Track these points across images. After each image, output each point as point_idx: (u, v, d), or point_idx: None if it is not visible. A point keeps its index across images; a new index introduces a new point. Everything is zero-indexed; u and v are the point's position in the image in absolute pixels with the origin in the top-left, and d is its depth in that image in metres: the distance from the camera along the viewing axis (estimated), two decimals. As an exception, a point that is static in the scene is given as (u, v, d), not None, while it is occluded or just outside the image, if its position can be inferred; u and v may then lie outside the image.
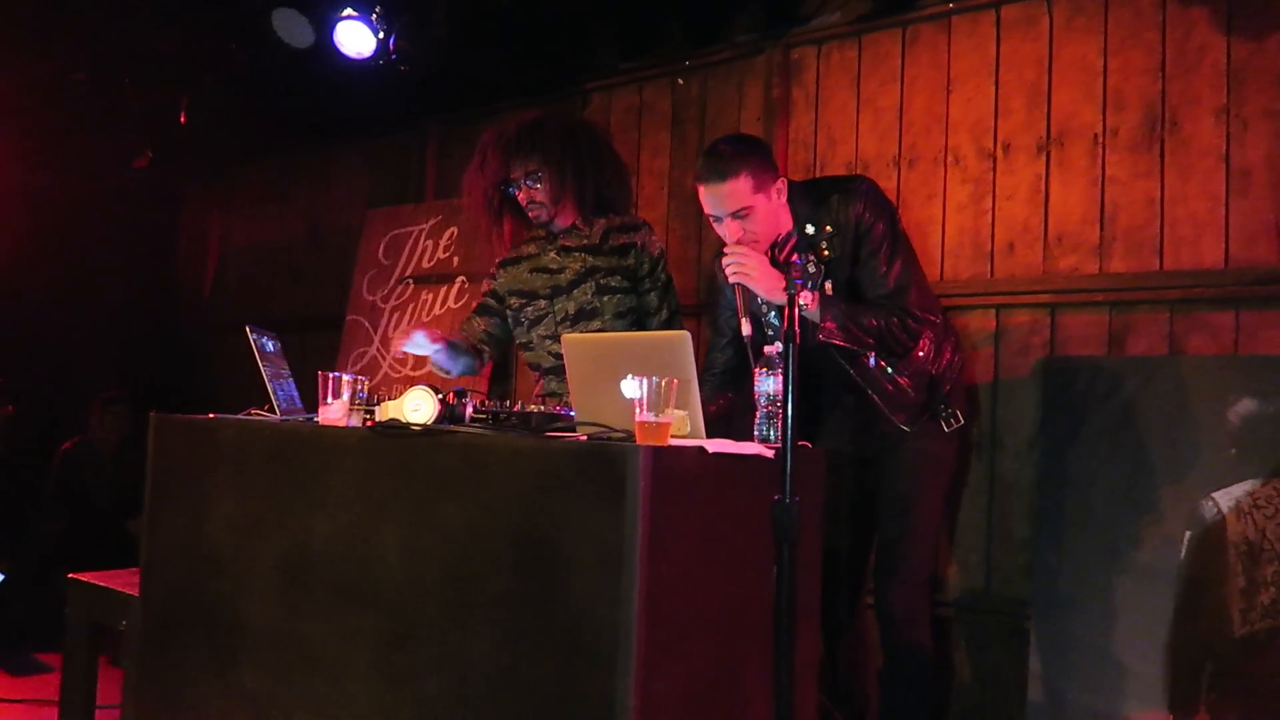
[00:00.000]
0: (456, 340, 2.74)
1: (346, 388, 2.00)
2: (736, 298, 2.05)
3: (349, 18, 3.78)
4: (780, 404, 1.80)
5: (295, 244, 5.54)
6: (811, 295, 2.14)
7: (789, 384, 1.62)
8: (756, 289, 2.11)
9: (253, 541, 2.03)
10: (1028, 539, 2.93)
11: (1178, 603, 2.55)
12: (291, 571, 1.95)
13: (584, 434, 1.77)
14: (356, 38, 3.82)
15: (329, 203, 5.38)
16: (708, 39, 3.82)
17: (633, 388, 1.62)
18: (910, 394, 2.31)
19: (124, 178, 5.25)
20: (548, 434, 1.77)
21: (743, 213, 2.21)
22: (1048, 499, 2.82)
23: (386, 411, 1.88)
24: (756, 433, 1.96)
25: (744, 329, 2.00)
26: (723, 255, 2.16)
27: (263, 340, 2.19)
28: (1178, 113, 2.83)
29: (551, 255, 2.71)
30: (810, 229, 2.26)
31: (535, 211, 2.65)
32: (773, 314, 2.38)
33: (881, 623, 2.42)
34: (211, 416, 2.18)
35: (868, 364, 2.29)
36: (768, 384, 1.92)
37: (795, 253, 2.09)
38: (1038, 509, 2.86)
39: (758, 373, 1.96)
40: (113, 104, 4.61)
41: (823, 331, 2.15)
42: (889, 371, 2.30)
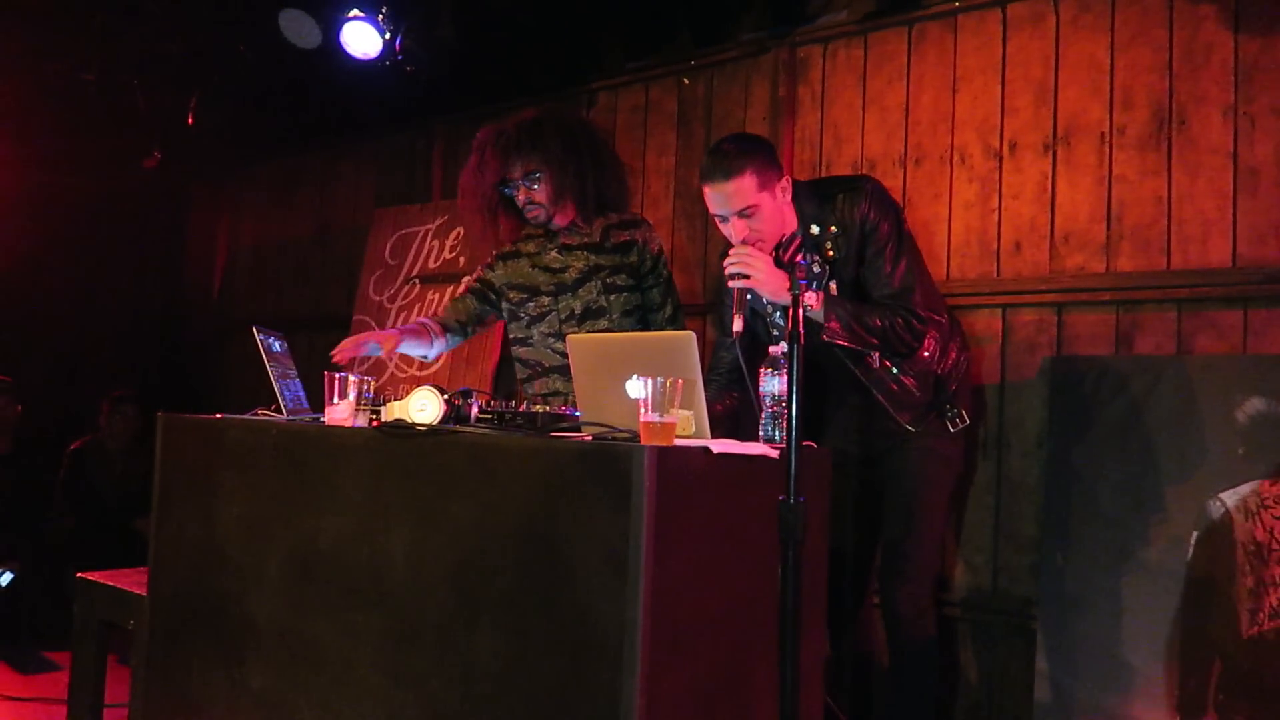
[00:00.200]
0: (423, 325, 2.68)
1: (352, 388, 2.01)
2: (734, 295, 2.04)
3: (355, 18, 3.79)
4: (785, 404, 1.80)
5: (303, 244, 5.56)
6: (816, 295, 2.13)
7: (794, 384, 1.62)
8: (762, 290, 2.10)
9: (260, 541, 2.04)
10: (1034, 538, 2.93)
11: (1185, 602, 2.54)
12: (299, 571, 1.95)
13: (589, 434, 1.78)
14: (363, 38, 3.83)
15: (336, 203, 5.39)
16: (714, 38, 3.82)
17: (638, 388, 1.63)
18: (916, 394, 2.31)
19: (133, 178, 5.28)
20: (553, 434, 1.77)
21: (748, 211, 2.20)
22: (1054, 498, 2.82)
23: (392, 412, 1.89)
24: (762, 433, 1.96)
25: (736, 325, 1.98)
26: (728, 254, 2.16)
27: (269, 340, 2.19)
28: (1186, 110, 2.82)
29: (553, 254, 2.69)
30: (815, 229, 2.26)
31: (534, 211, 2.63)
32: (778, 314, 2.38)
33: (887, 622, 2.42)
34: (219, 416, 2.19)
35: (872, 364, 2.29)
36: (773, 384, 1.93)
37: (800, 253, 2.08)
38: (1044, 508, 2.86)
39: (763, 373, 1.96)
40: (121, 105, 4.64)
41: (827, 332, 2.15)
42: (894, 371, 2.30)
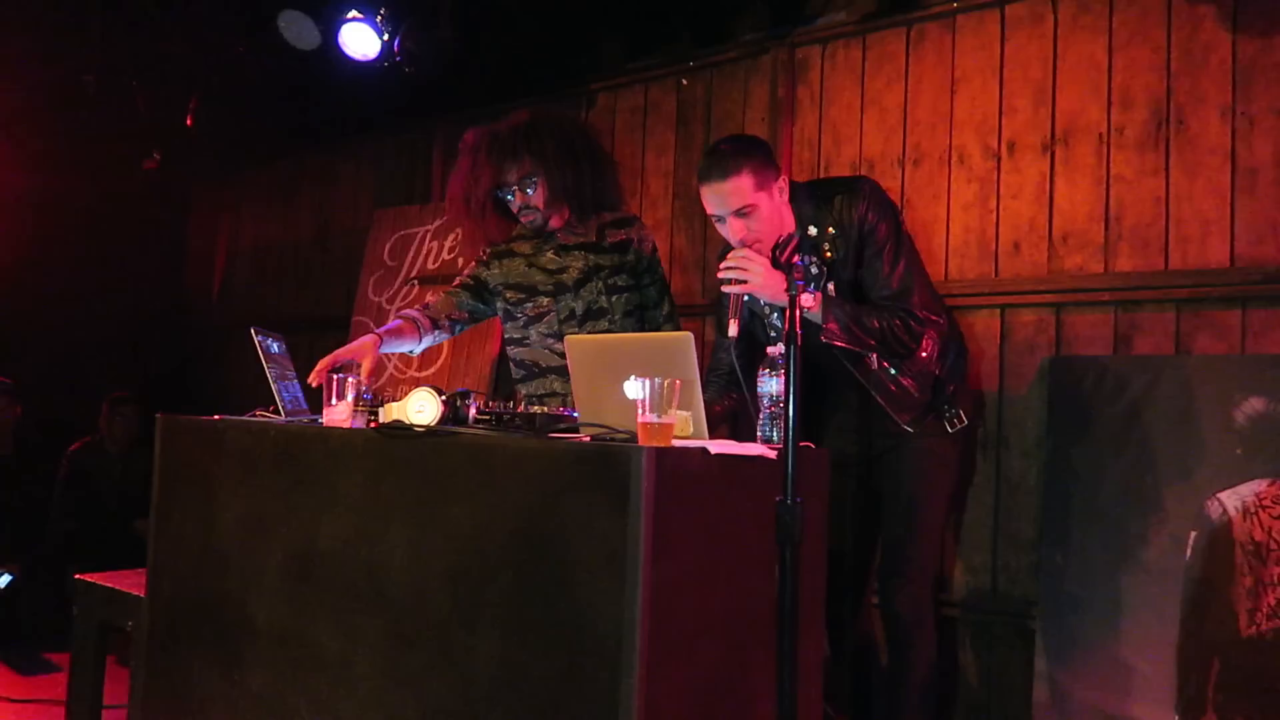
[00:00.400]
0: (411, 320, 2.62)
1: (351, 389, 2.01)
2: (730, 299, 2.03)
3: (354, 19, 3.80)
4: (783, 405, 1.80)
5: (303, 245, 5.56)
6: (814, 296, 2.13)
7: (792, 385, 1.62)
8: (760, 294, 2.10)
9: (259, 542, 2.04)
10: (1034, 539, 2.93)
11: (1184, 603, 2.54)
12: (297, 572, 1.95)
13: (587, 435, 1.78)
14: (362, 39, 3.84)
15: (336, 203, 5.39)
16: (713, 39, 3.82)
17: (636, 389, 1.62)
18: (914, 394, 2.31)
19: (133, 180, 5.28)
20: (552, 435, 1.77)
21: (745, 211, 2.20)
22: (1054, 499, 2.82)
23: (391, 413, 1.89)
24: (760, 433, 1.96)
25: (731, 330, 1.97)
26: (726, 258, 2.15)
27: (268, 341, 2.19)
28: (1184, 111, 2.82)
29: (549, 254, 2.66)
30: (813, 230, 2.26)
31: (529, 216, 2.59)
32: (775, 315, 2.38)
33: (886, 623, 2.42)
34: (217, 418, 2.19)
35: (871, 365, 2.29)
36: (771, 384, 1.93)
37: (798, 254, 2.08)
38: (1044, 509, 2.86)
39: (761, 373, 1.96)
40: (121, 107, 4.64)
41: (825, 333, 2.14)
42: (892, 373, 2.30)
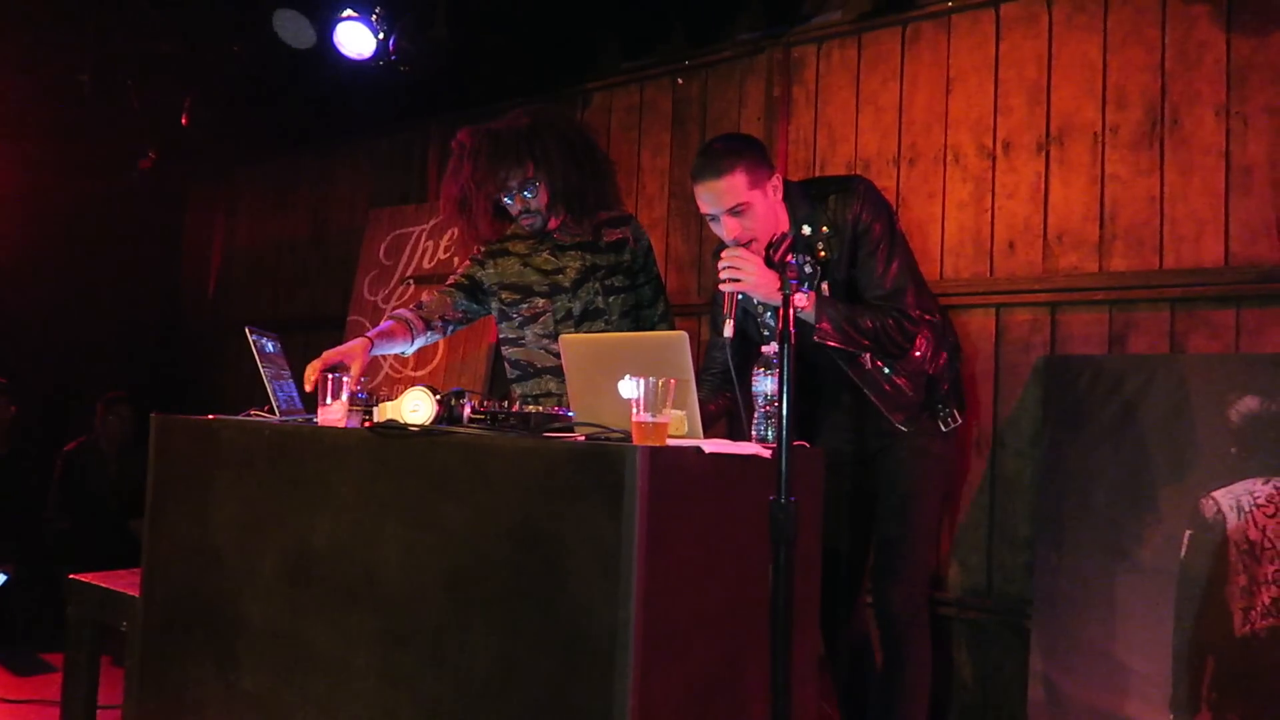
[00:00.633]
0: (404, 321, 2.59)
1: (346, 388, 2.00)
2: (725, 298, 2.03)
3: (349, 19, 3.79)
4: (778, 404, 1.79)
5: (298, 244, 5.56)
6: (807, 296, 2.13)
7: (785, 384, 1.62)
8: (754, 293, 2.10)
9: (254, 542, 2.04)
10: (1029, 538, 2.93)
11: (1179, 601, 2.55)
12: (292, 572, 1.95)
13: (582, 434, 1.78)
14: (357, 38, 3.84)
15: (331, 203, 5.39)
16: (708, 38, 3.82)
17: (630, 388, 1.62)
18: (908, 394, 2.31)
19: (128, 179, 5.27)
20: (546, 434, 1.77)
21: (739, 209, 2.20)
22: (1049, 498, 2.82)
23: (385, 412, 1.88)
24: (755, 432, 1.96)
25: (727, 331, 1.97)
26: (720, 256, 2.15)
27: (263, 341, 2.19)
28: (1179, 110, 2.82)
29: (545, 255, 2.64)
30: (807, 229, 2.26)
31: (529, 219, 2.57)
32: (768, 314, 2.38)
33: (880, 622, 2.42)
34: (212, 417, 2.19)
35: (865, 365, 2.29)
36: (765, 383, 1.92)
37: (791, 253, 2.08)
38: (1039, 508, 2.86)
39: (756, 372, 1.96)
40: (116, 106, 4.64)
41: (818, 333, 2.14)
42: (886, 372, 2.29)
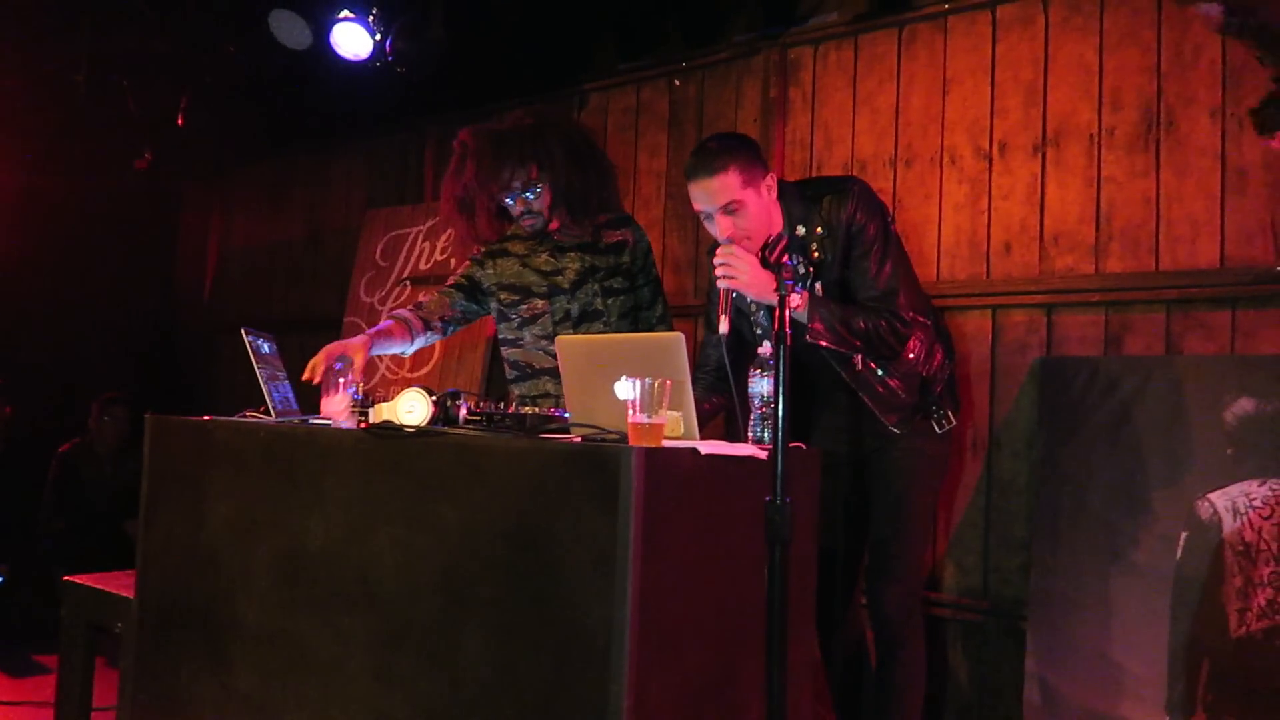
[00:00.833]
0: (403, 321, 2.59)
1: (350, 381, 2.03)
2: (720, 295, 2.03)
3: (346, 19, 3.79)
4: (773, 405, 1.80)
5: (294, 245, 5.55)
6: (801, 296, 2.13)
7: (780, 385, 1.62)
8: (747, 292, 2.10)
9: (248, 543, 2.03)
10: (1025, 539, 2.93)
11: (1175, 603, 2.55)
12: (287, 573, 1.95)
13: (578, 435, 1.77)
14: (353, 39, 3.83)
15: (327, 204, 5.38)
16: (705, 40, 3.82)
17: (626, 389, 1.62)
18: (901, 395, 2.31)
19: (124, 179, 5.26)
20: (541, 435, 1.77)
21: (732, 207, 2.19)
22: (1045, 499, 2.82)
23: (381, 413, 1.88)
24: (751, 434, 1.96)
25: (722, 326, 1.97)
26: (715, 254, 2.15)
27: (259, 342, 2.19)
28: (1174, 112, 2.82)
29: (544, 256, 2.65)
30: (801, 230, 2.26)
31: (530, 220, 2.58)
32: (762, 313, 2.38)
33: (874, 623, 2.42)
34: (207, 418, 2.18)
35: (857, 366, 2.29)
36: (762, 385, 1.93)
37: (786, 253, 2.08)
38: (1035, 509, 2.86)
39: (752, 374, 1.96)
40: (111, 106, 4.62)
41: (810, 333, 2.14)
42: (879, 374, 2.29)
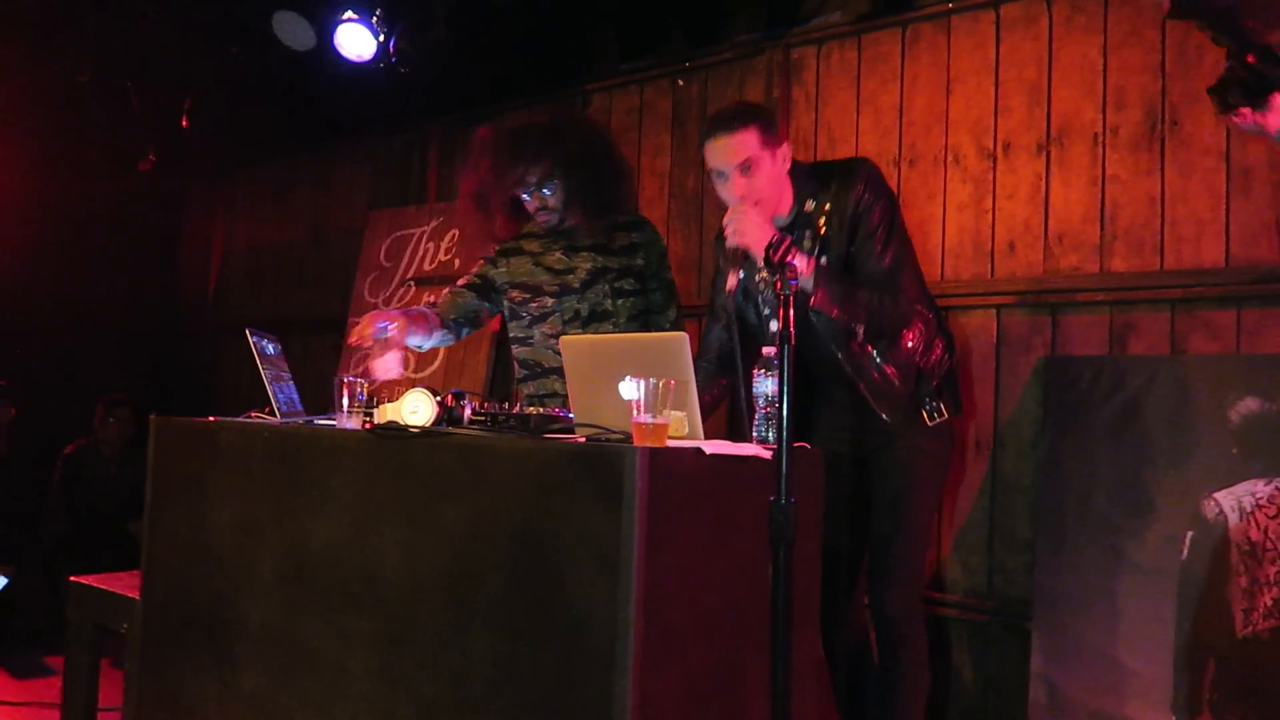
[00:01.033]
0: (423, 315, 2.63)
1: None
2: (728, 253, 2.05)
3: (349, 20, 3.79)
4: (777, 405, 1.79)
5: (298, 246, 5.55)
6: (807, 261, 2.12)
7: (785, 385, 1.62)
8: (749, 247, 2.08)
9: (253, 543, 2.04)
10: (1029, 539, 2.93)
11: (1180, 603, 2.55)
12: (291, 573, 1.95)
13: (582, 435, 1.77)
14: (357, 40, 3.83)
15: (331, 205, 5.39)
16: (708, 40, 3.82)
17: (630, 389, 1.62)
18: (896, 384, 2.29)
19: (128, 181, 5.27)
20: (546, 435, 1.77)
21: (748, 164, 2.19)
22: (1049, 499, 2.82)
23: (385, 413, 1.88)
24: (755, 433, 1.96)
25: (729, 282, 1.98)
26: (723, 232, 2.14)
27: (263, 343, 2.19)
28: (1178, 111, 2.82)
29: (557, 254, 2.65)
30: (810, 204, 2.27)
31: (545, 216, 2.60)
32: (768, 290, 2.37)
33: (876, 622, 2.41)
34: (211, 419, 2.19)
35: (855, 346, 2.27)
36: (765, 385, 1.92)
37: (793, 249, 2.07)
38: (1039, 508, 2.86)
39: (756, 374, 1.96)
40: (116, 108, 4.63)
41: (815, 299, 2.12)
42: (876, 360, 2.28)
